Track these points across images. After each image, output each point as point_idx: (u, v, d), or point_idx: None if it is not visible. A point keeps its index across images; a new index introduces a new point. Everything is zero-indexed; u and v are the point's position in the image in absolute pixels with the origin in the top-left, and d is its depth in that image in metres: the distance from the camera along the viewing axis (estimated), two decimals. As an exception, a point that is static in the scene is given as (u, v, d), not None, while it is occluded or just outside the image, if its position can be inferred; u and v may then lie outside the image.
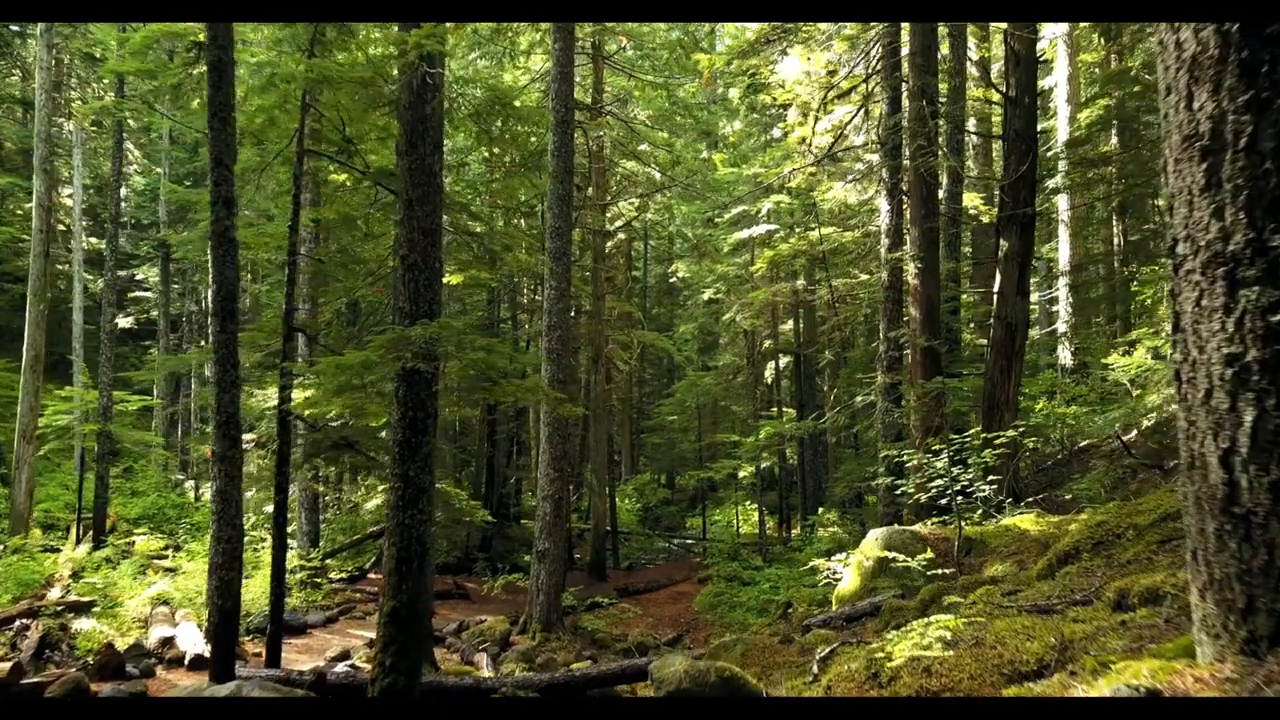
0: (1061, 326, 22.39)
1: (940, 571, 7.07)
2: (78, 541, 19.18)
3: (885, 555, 8.10)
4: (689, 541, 28.45)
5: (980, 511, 9.05)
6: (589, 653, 13.18)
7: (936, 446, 8.13)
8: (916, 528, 8.31)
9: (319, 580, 14.58)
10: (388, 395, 7.24)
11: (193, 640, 10.98)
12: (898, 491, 9.45)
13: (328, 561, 17.02)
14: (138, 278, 34.39)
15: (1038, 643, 3.13)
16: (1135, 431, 15.38)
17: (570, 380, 20.83)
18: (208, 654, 10.82)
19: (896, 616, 6.70)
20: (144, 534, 19.77)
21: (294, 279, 8.72)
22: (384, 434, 17.42)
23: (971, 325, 19.24)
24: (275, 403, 9.59)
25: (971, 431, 7.96)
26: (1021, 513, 8.81)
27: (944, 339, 12.63)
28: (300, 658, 11.50)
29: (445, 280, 10.39)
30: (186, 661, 10.58)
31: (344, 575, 17.29)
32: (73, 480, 23.96)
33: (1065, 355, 22.35)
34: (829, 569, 9.37)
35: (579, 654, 13.08)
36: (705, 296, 26.35)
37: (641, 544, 28.79)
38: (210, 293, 7.94)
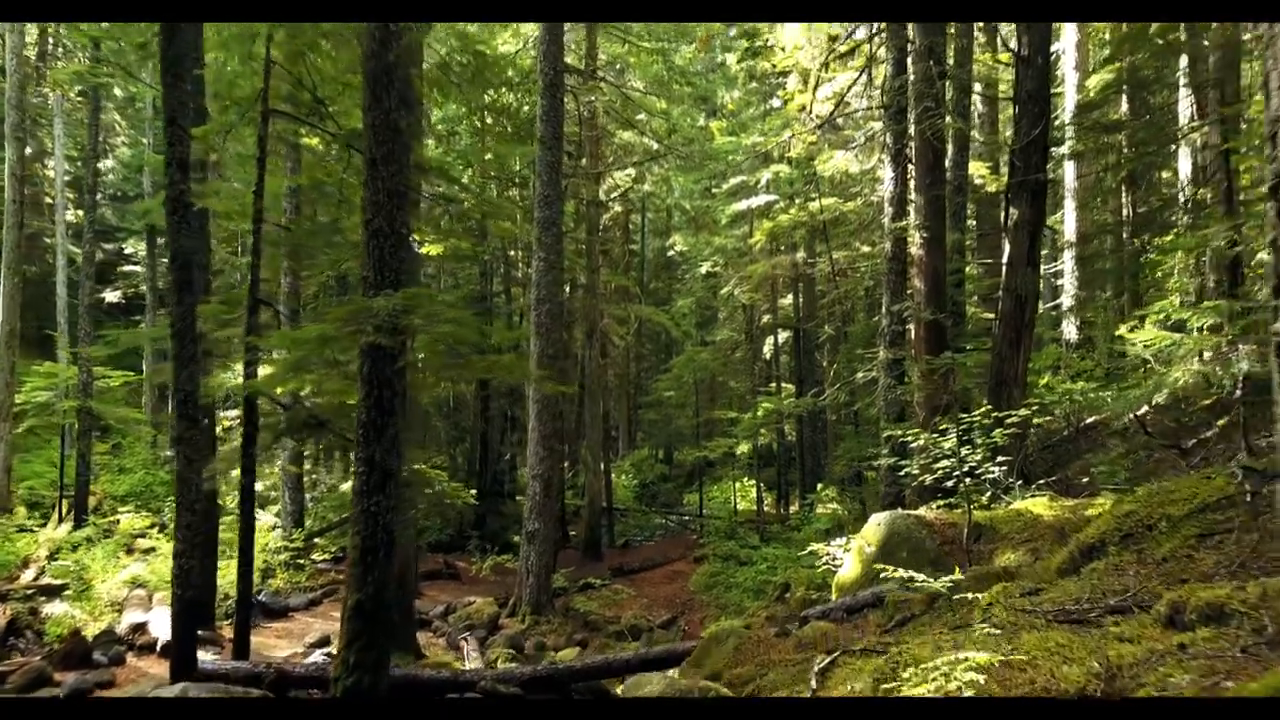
0: (1067, 300, 21.85)
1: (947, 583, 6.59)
2: (59, 520, 18.76)
3: (888, 541, 7.63)
4: (686, 518, 28.09)
5: (988, 494, 8.57)
6: (580, 636, 12.78)
7: (944, 425, 7.63)
8: (921, 512, 7.83)
9: (302, 561, 14.15)
10: (354, 373, 6.73)
11: (166, 626, 10.51)
12: (901, 473, 8.96)
13: (315, 541, 16.58)
14: (125, 251, 33.76)
15: (1077, 667, 2.65)
16: (1147, 408, 14.90)
17: (564, 355, 20.31)
18: (180, 640, 10.41)
19: (901, 610, 6.23)
20: (129, 512, 19.31)
21: (258, 249, 8.17)
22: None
23: (976, 299, 18.70)
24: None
25: (981, 410, 7.46)
26: (1033, 496, 8.33)
27: (949, 313, 12.09)
28: (279, 643, 11.08)
29: (426, 250, 9.84)
30: (159, 648, 10.15)
31: (329, 556, 16.85)
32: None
33: (1070, 330, 21.83)
34: (828, 554, 8.92)
35: (569, 638, 12.68)
36: (703, 270, 25.77)
37: (638, 521, 28.41)
38: (168, 263, 7.40)
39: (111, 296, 32.59)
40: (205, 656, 9.90)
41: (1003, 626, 3.63)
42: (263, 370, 8.90)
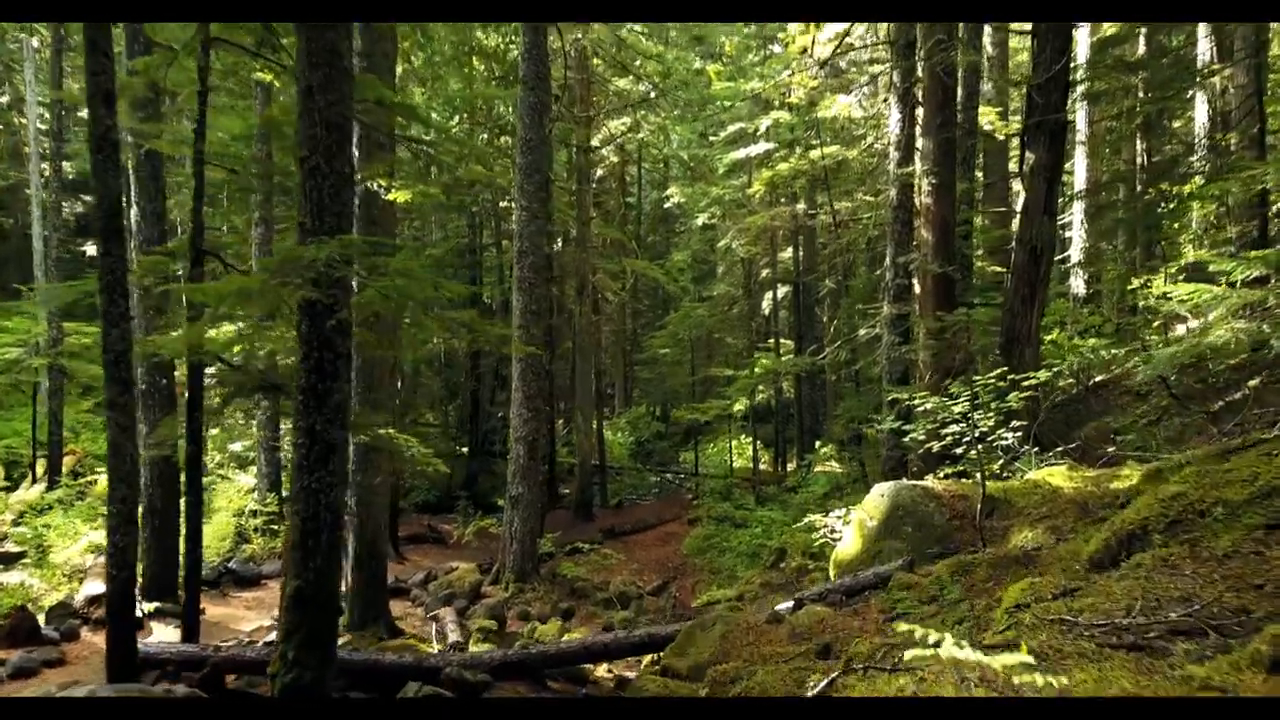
0: (1076, 254, 21.02)
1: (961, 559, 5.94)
2: (33, 482, 18.20)
3: (892, 515, 6.98)
4: (681, 476, 27.58)
5: (1000, 463, 7.92)
6: (565, 604, 12.25)
7: (955, 389, 6.94)
8: (928, 483, 7.17)
9: (276, 527, 13.56)
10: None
11: (125, 598, 9.95)
12: (905, 437, 8.28)
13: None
14: (106, 203, 32.74)
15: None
16: (1143, 365, 14.20)
17: (551, 311, 19.55)
18: (139, 614, 9.86)
19: (907, 596, 5.58)
20: (106, 473, 18.69)
21: (200, 193, 7.38)
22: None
23: (982, 251, 17.89)
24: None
25: (997, 371, 6.75)
26: (1049, 464, 7.67)
27: (957, 266, 11.33)
28: (246, 615, 10.53)
29: (393, 198, 9.05)
30: (116, 622, 9.57)
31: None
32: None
33: (1078, 284, 21.06)
34: (826, 526, 8.29)
35: (554, 606, 12.15)
36: (700, 222, 24.84)
37: (632, 480, 27.91)
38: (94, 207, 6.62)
39: (93, 250, 31.70)
40: (163, 634, 9.36)
41: (1039, 647, 2.96)
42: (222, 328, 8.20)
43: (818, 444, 26.46)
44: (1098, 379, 16.62)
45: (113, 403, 6.64)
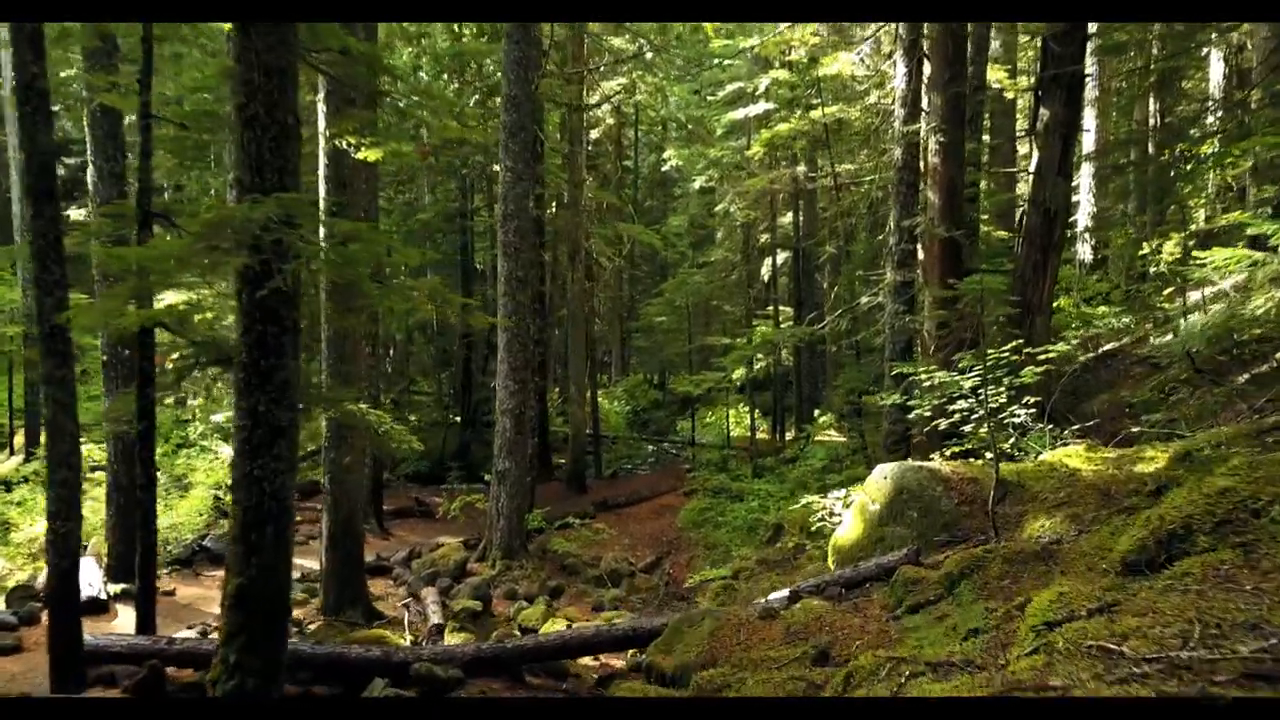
0: (1083, 219, 20.38)
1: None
2: (10, 453, 17.75)
3: (896, 499, 6.48)
4: (679, 445, 27.15)
5: (1010, 441, 7.40)
6: (554, 583, 11.82)
7: (966, 362, 6.42)
8: (934, 464, 6.66)
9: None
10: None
11: (90, 579, 9.49)
12: (910, 414, 7.76)
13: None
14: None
15: None
16: (1173, 336, 13.66)
17: (539, 278, 18.95)
18: (104, 596, 9.43)
19: (913, 592, 5.09)
20: (86, 443, 18.23)
21: (148, 150, 6.77)
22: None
23: (988, 215, 17.25)
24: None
25: (1011, 344, 6.22)
26: (1064, 443, 7.16)
27: (965, 230, 10.74)
28: (214, 595, 10.04)
29: (361, 156, 8.43)
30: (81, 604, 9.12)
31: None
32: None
33: (1085, 250, 20.45)
34: (824, 508, 7.80)
35: (543, 585, 11.72)
36: (697, 185, 24.11)
37: (628, 449, 27.49)
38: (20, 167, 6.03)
39: (77, 214, 30.96)
40: (130, 618, 8.88)
41: (1079, 686, 2.45)
42: (173, 296, 7.64)
43: (816, 413, 25.99)
44: (1106, 348, 16.11)
45: (49, 377, 6.12)
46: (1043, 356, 6.44)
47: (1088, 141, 20.16)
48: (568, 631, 6.82)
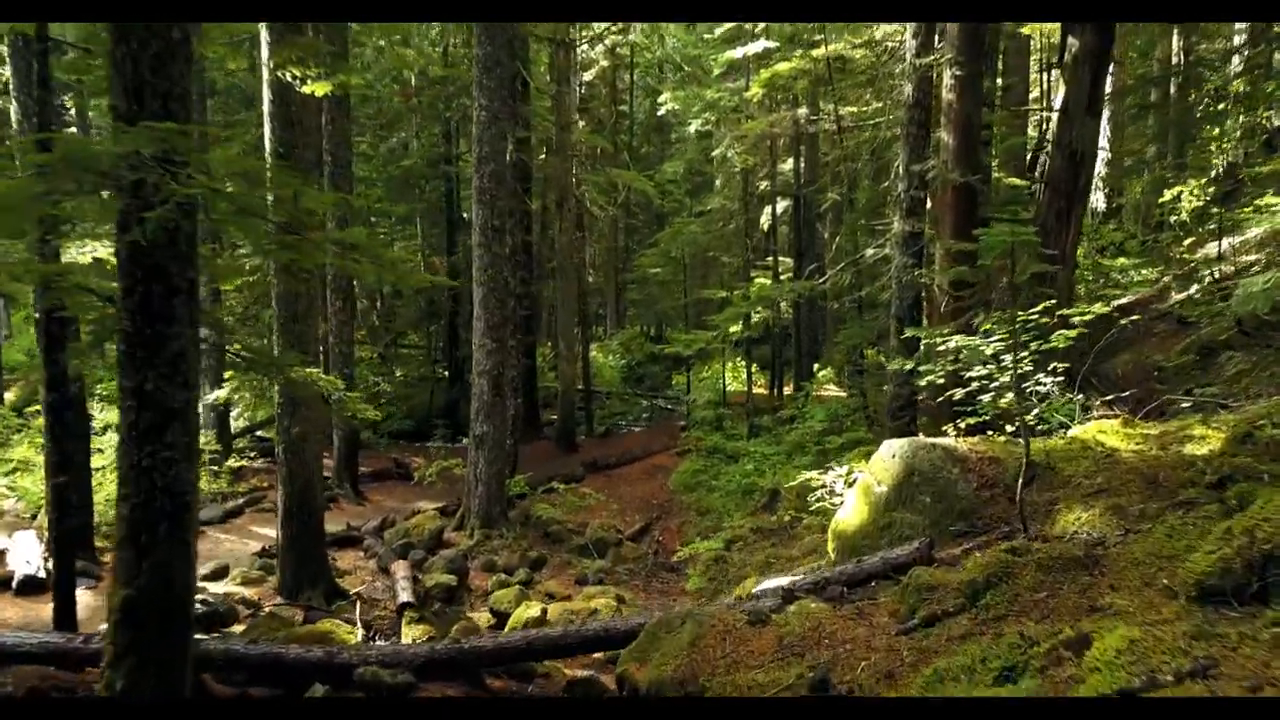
0: (1098, 165, 19.32)
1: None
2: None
3: (906, 481, 5.70)
4: (675, 400, 26.42)
5: (1034, 413, 6.59)
6: (535, 553, 11.14)
7: (989, 325, 5.59)
8: (949, 441, 5.86)
9: (218, 468, 12.36)
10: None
11: (28, 556, 8.77)
12: (921, 380, 6.95)
13: (235, 443, 14.69)
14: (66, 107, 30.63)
15: None
16: (1198, 289, 12.80)
17: (544, 228, 17.99)
18: (43, 574, 8.70)
19: (928, 601, 4.33)
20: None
21: (45, 78, 5.85)
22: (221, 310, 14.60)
23: (998, 160, 16.23)
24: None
25: (1042, 304, 5.38)
26: (1096, 417, 6.37)
27: (982, 174, 9.81)
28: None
29: (309, 90, 7.50)
30: (15, 584, 8.42)
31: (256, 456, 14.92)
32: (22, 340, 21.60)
33: (1098, 198, 19.47)
34: (823, 485, 7.03)
35: (523, 555, 11.04)
36: (693, 128, 22.96)
37: (622, 405, 26.77)
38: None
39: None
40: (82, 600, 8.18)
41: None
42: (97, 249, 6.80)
43: (816, 367, 25.19)
44: (1121, 301, 15.24)
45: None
46: (1077, 318, 5.59)
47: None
48: (533, 632, 6.09)
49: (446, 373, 23.92)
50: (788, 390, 23.65)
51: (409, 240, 28.11)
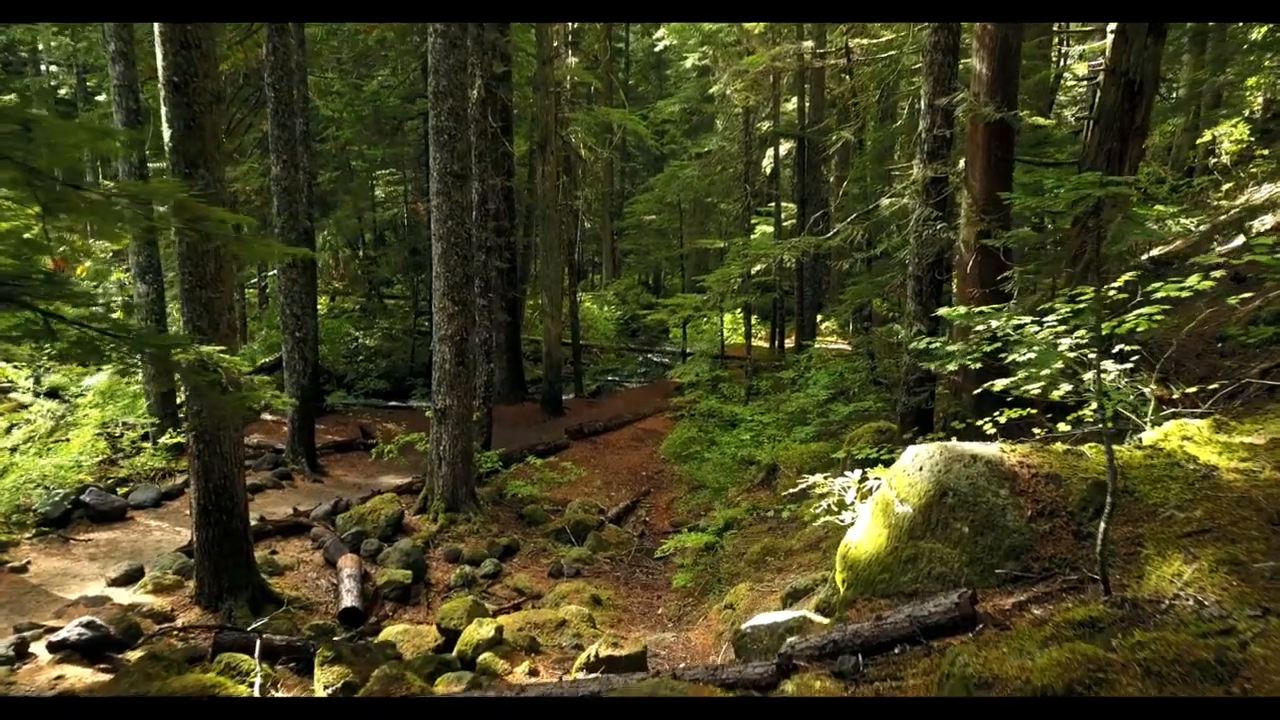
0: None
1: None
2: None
3: (938, 503, 4.45)
4: (671, 354, 25.19)
5: (1092, 410, 5.31)
6: (506, 539, 10.00)
7: (1047, 305, 4.30)
8: (993, 451, 4.58)
9: (145, 445, 11.10)
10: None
11: None
12: (951, 366, 5.66)
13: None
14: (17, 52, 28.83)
15: None
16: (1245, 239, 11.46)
17: (531, 174, 16.50)
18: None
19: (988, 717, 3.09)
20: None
21: None
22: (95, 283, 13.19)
23: (1025, 96, 14.66)
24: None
25: (1125, 276, 4.08)
26: (1170, 413, 5.07)
27: (1017, 110, 8.36)
28: (87, 569, 8.21)
29: None
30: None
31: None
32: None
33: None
34: (830, 494, 5.77)
35: (492, 541, 9.92)
36: (689, 62, 21.28)
37: (619, 360, 25.53)
38: None
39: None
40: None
41: None
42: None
43: (819, 318, 23.86)
44: (1154, 253, 13.86)
45: None
46: (1159, 294, 4.27)
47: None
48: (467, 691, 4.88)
49: (429, 325, 22.62)
50: (789, 342, 22.40)
51: (397, 185, 26.63)
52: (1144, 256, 13.21)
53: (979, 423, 5.79)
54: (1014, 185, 8.11)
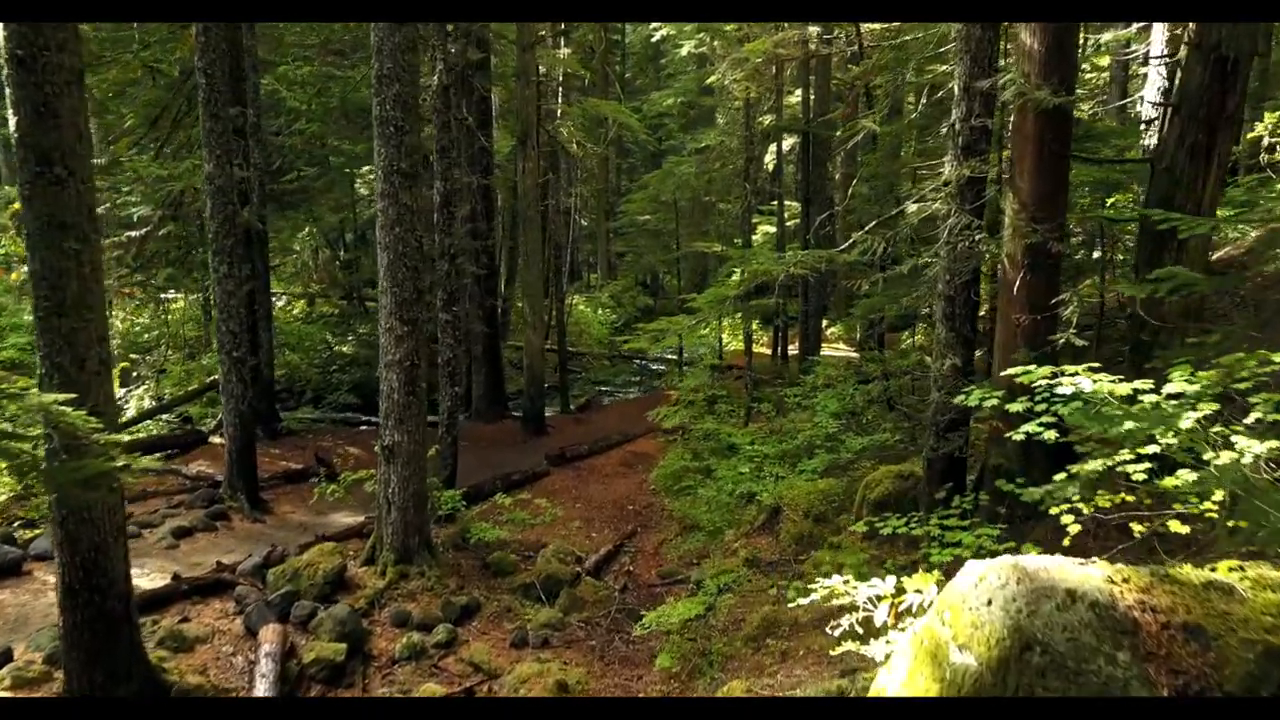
0: (1151, 93, 16.21)
1: None
2: None
3: (1015, 659, 3.02)
4: (668, 360, 23.77)
5: (1216, 490, 3.87)
6: (465, 598, 8.59)
7: (1177, 372, 2.90)
8: (1096, 579, 3.14)
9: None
10: None
11: None
12: (1019, 435, 4.23)
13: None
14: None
15: None
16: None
17: (478, 164, 15.03)
18: None
19: None
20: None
21: None
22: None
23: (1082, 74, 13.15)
24: None
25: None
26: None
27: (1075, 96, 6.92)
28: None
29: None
30: None
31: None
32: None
33: (1151, 134, 16.42)
34: (852, 603, 4.33)
35: (448, 601, 8.51)
36: (685, 50, 19.84)
37: (613, 369, 24.14)
38: None
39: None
40: None
41: None
42: None
43: (825, 324, 22.42)
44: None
45: None
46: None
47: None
48: None
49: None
50: (793, 349, 20.99)
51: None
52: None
53: (1042, 502, 4.34)
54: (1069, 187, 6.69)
